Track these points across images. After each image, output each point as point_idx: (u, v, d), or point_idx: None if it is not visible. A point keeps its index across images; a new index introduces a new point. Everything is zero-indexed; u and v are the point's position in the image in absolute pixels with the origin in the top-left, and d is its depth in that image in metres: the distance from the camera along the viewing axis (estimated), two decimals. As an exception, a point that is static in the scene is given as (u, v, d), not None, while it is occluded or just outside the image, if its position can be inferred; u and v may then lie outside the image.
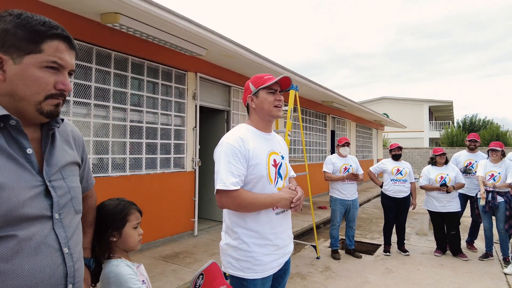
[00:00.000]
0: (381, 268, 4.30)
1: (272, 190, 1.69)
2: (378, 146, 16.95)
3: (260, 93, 1.73)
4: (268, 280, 1.72)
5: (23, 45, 0.89)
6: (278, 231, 1.71)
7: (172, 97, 5.03)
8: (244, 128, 1.75)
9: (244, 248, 1.65)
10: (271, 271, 1.71)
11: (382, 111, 26.07)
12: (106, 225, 1.42)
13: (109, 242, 1.43)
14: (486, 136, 24.70)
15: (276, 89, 1.74)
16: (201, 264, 4.00)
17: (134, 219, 1.46)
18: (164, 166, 4.90)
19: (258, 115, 1.76)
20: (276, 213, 1.71)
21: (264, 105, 1.72)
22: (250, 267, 1.65)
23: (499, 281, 3.86)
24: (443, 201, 4.63)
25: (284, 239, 1.76)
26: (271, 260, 1.69)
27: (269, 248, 1.68)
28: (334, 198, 4.69)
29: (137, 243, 1.47)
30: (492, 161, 4.54)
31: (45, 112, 0.93)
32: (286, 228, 1.79)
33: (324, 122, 10.62)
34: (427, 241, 5.51)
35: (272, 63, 5.73)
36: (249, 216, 1.65)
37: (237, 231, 1.67)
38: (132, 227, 1.45)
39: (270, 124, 1.83)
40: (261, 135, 1.76)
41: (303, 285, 3.73)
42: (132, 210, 1.47)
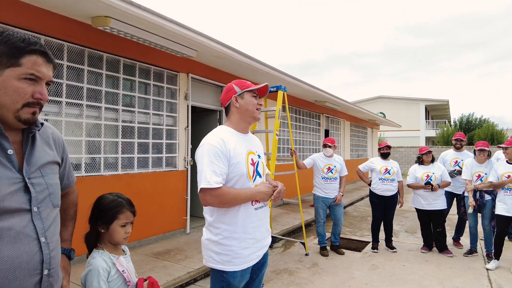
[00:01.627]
0: (368, 264, 4.41)
1: (251, 187, 1.81)
2: (373, 145, 17.08)
3: (245, 95, 1.87)
4: (247, 272, 1.84)
5: (4, 60, 1.01)
6: (256, 225, 1.82)
7: (164, 98, 5.13)
8: (224, 130, 1.86)
9: (224, 242, 1.76)
10: (250, 263, 1.82)
11: (379, 110, 26.27)
12: (98, 216, 1.56)
13: (98, 231, 1.56)
14: (481, 135, 24.81)
15: (257, 95, 1.91)
16: (192, 261, 4.10)
17: (123, 218, 1.57)
18: (156, 165, 4.99)
19: (240, 116, 1.88)
20: (255, 208, 1.82)
21: (248, 106, 1.86)
22: (230, 260, 1.76)
23: (480, 276, 3.98)
24: (429, 199, 4.74)
25: (262, 233, 1.88)
26: (250, 253, 1.80)
27: (248, 241, 1.79)
28: (316, 196, 4.84)
29: (122, 240, 1.58)
30: (477, 161, 4.62)
31: (22, 119, 1.05)
32: (264, 222, 1.90)
33: (318, 122, 10.73)
34: (416, 238, 5.62)
35: (261, 63, 5.83)
36: (230, 212, 1.75)
37: (218, 227, 1.77)
38: (120, 225, 1.56)
39: (249, 126, 1.96)
40: (240, 136, 1.88)
41: (290, 280, 3.84)
42: (124, 209, 1.58)
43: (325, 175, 4.75)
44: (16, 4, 3.35)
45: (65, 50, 3.87)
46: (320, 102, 9.69)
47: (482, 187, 4.45)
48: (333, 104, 10.13)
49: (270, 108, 4.80)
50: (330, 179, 4.75)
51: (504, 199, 4.16)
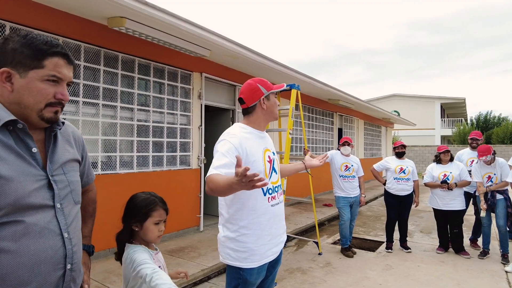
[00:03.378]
0: (382, 264, 4.36)
1: (268, 185, 1.83)
2: (387, 144, 16.85)
3: (271, 96, 1.90)
4: (263, 269, 1.86)
5: (28, 62, 1.05)
6: (273, 221, 1.83)
7: (178, 97, 5.18)
8: (242, 128, 1.87)
9: (241, 239, 1.77)
10: (267, 260, 1.83)
11: (393, 108, 25.87)
12: (131, 214, 1.57)
13: (132, 229, 1.58)
14: (500, 133, 24.21)
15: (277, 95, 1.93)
16: (205, 258, 4.14)
17: (156, 215, 1.57)
18: (170, 163, 5.05)
19: (264, 116, 1.91)
20: (271, 204, 1.83)
21: (273, 108, 1.92)
22: (247, 257, 1.77)
23: (499, 279, 3.89)
24: (446, 199, 4.66)
25: (278, 229, 1.89)
26: (267, 249, 1.82)
27: (264, 238, 1.80)
28: (337, 197, 4.76)
29: (155, 238, 1.59)
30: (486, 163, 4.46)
31: (45, 118, 1.10)
32: (280, 218, 1.91)
33: (331, 120, 10.65)
34: (431, 238, 5.53)
35: (275, 62, 5.82)
36: (246, 208, 1.76)
37: (235, 223, 1.78)
38: (153, 223, 1.57)
39: (266, 124, 2.00)
40: (257, 134, 1.90)
41: (303, 279, 3.83)
42: (157, 207, 1.59)
43: (343, 173, 4.70)
44: (36, 7, 3.44)
45: (82, 51, 3.95)
46: (333, 100, 9.62)
47: (495, 188, 4.34)
48: (347, 102, 10.04)
49: (283, 107, 4.79)
50: (348, 177, 4.70)
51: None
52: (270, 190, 1.84)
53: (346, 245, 4.71)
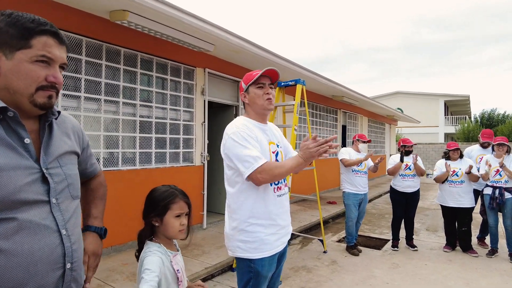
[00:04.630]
0: (388, 263, 4.29)
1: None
2: (391, 141, 16.73)
3: (250, 89, 1.86)
4: (274, 261, 1.83)
5: (14, 42, 0.95)
6: (280, 212, 1.83)
7: (181, 93, 5.11)
8: (244, 120, 1.86)
9: (250, 229, 1.75)
10: (277, 250, 1.82)
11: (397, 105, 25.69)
12: (151, 208, 1.47)
13: (153, 225, 1.47)
14: (504, 131, 24.04)
15: (265, 83, 1.84)
16: (209, 256, 4.08)
17: (176, 208, 1.46)
18: (173, 160, 4.99)
19: (253, 109, 1.89)
20: (278, 195, 1.83)
21: (255, 99, 1.85)
22: (257, 247, 1.75)
23: (508, 278, 3.81)
24: (455, 196, 4.58)
25: (285, 220, 1.89)
26: (276, 239, 1.81)
27: (273, 227, 1.79)
28: (346, 193, 4.64)
29: (176, 233, 1.47)
30: (496, 156, 4.45)
31: (38, 104, 0.99)
32: (286, 209, 1.91)
33: (335, 117, 10.55)
34: (437, 237, 5.45)
35: (279, 57, 5.74)
36: (253, 199, 1.75)
37: (243, 214, 1.76)
38: (174, 216, 1.45)
39: (265, 117, 1.94)
40: (259, 126, 1.88)
41: (309, 278, 3.77)
42: (177, 199, 1.47)
43: (356, 168, 4.60)
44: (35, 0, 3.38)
45: (84, 45, 3.88)
46: (337, 97, 9.52)
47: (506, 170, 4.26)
48: (351, 99, 9.94)
49: (288, 103, 4.72)
50: (361, 172, 4.61)
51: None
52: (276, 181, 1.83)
53: (352, 243, 4.64)
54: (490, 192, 4.45)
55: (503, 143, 4.42)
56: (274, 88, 1.94)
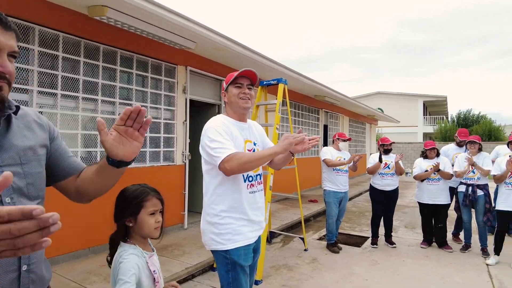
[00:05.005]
0: (368, 260, 4.37)
1: (249, 172, 1.88)
2: (371, 140, 17.06)
3: (229, 88, 1.94)
4: (249, 251, 1.90)
5: None
6: (253, 207, 1.90)
7: (162, 91, 5.04)
8: (222, 117, 1.93)
9: (223, 222, 1.83)
10: (250, 241, 1.89)
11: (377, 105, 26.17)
12: (123, 208, 1.42)
13: (126, 226, 1.43)
14: (479, 131, 24.83)
15: (243, 83, 1.91)
16: (190, 256, 4.05)
17: (150, 205, 1.43)
18: (153, 159, 4.92)
19: (231, 108, 1.98)
20: (250, 192, 1.90)
21: (232, 98, 1.93)
22: (231, 237, 1.82)
23: (481, 272, 3.96)
24: (432, 193, 4.72)
25: (258, 216, 1.96)
26: (249, 230, 1.89)
27: (245, 221, 1.87)
28: (327, 191, 4.71)
29: (152, 231, 1.44)
30: (470, 154, 4.64)
31: None
32: (259, 206, 1.98)
33: (317, 117, 10.66)
34: (415, 233, 5.60)
35: (261, 56, 5.74)
36: (226, 194, 1.84)
37: (215, 208, 1.85)
38: (148, 213, 1.42)
39: (244, 116, 2.00)
40: (238, 125, 1.95)
41: (290, 276, 3.79)
42: (149, 196, 1.45)
43: (337, 167, 4.68)
44: (9, -8, 3.25)
45: (61, 41, 3.77)
46: (319, 96, 9.62)
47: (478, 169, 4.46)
48: (333, 99, 10.07)
49: (270, 102, 4.73)
50: (341, 171, 4.68)
51: (505, 193, 4.14)
52: (250, 178, 1.91)
53: (332, 241, 4.70)
54: (464, 190, 4.62)
55: (475, 141, 4.62)
56: (255, 88, 1.98)
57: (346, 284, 3.60)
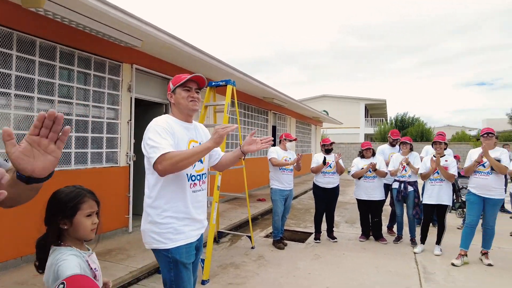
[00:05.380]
0: (311, 254, 4.61)
1: (191, 171, 1.91)
2: (316, 141, 17.83)
3: (177, 90, 1.96)
4: (191, 249, 1.92)
5: None
6: (195, 206, 1.94)
7: (106, 89, 4.84)
8: (166, 117, 1.95)
9: (164, 221, 1.84)
10: (192, 239, 1.92)
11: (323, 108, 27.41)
12: (57, 211, 1.37)
13: (60, 229, 1.38)
14: (413, 132, 27.18)
15: (191, 87, 1.95)
16: (135, 260, 3.95)
17: (87, 207, 1.41)
18: (95, 161, 4.71)
19: (178, 109, 1.99)
20: (193, 191, 1.93)
21: (180, 100, 1.95)
22: (172, 237, 1.84)
23: (409, 260, 4.38)
24: (368, 190, 5.12)
25: (200, 214, 1.99)
26: (191, 229, 1.91)
27: (187, 220, 1.89)
28: (274, 189, 4.89)
29: (89, 233, 1.42)
30: (402, 154, 5.16)
31: None
32: (202, 205, 2.02)
33: (265, 118, 10.91)
34: (355, 228, 6.01)
35: (210, 57, 5.76)
36: (168, 193, 1.84)
37: (158, 208, 1.85)
38: (84, 215, 1.40)
39: (190, 116, 2.03)
40: (183, 125, 1.97)
41: (236, 274, 3.88)
42: (86, 198, 1.42)
43: (283, 166, 4.85)
44: None
45: (-11, 32, 3.47)
46: (268, 98, 9.86)
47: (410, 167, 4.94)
48: (281, 101, 10.37)
49: (218, 102, 4.78)
50: (287, 170, 4.88)
51: (429, 189, 4.63)
52: (193, 177, 1.93)
53: (278, 237, 4.88)
54: (397, 186, 5.07)
55: (406, 142, 5.13)
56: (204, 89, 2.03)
57: (290, 279, 3.77)
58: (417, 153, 5.24)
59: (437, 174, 4.55)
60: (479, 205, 4.22)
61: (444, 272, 3.95)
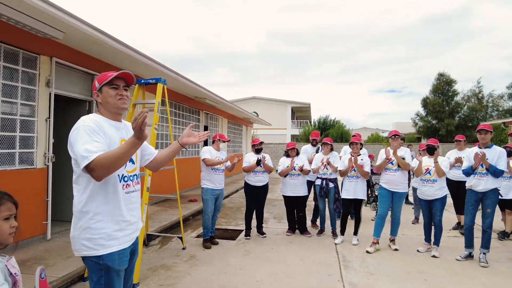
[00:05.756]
0: (241, 251, 4.76)
1: (122, 172, 1.84)
2: (247, 141, 18.24)
3: (104, 89, 1.86)
4: (124, 255, 1.84)
5: None
6: (129, 208, 1.86)
7: (19, 83, 4.37)
8: (94, 116, 1.84)
9: (96, 226, 1.73)
10: (126, 245, 1.84)
11: (253, 109, 28.18)
12: None
13: None
14: (334, 133, 29.40)
15: (119, 85, 1.88)
16: (54, 269, 3.66)
17: (5, 210, 1.34)
18: (7, 162, 4.22)
19: (106, 108, 1.89)
20: (126, 192, 1.86)
21: (107, 99, 1.86)
22: (104, 243, 1.74)
23: (330, 250, 4.80)
24: (293, 187, 5.46)
25: (135, 216, 1.92)
26: (124, 234, 1.83)
27: (121, 224, 1.81)
28: (205, 188, 4.92)
29: (7, 237, 1.35)
30: (324, 153, 5.63)
31: None
32: (136, 206, 1.95)
33: (197, 118, 10.84)
34: (282, 223, 6.34)
35: (140, 54, 5.56)
36: (100, 196, 1.74)
37: (89, 211, 1.74)
38: (2, 219, 1.33)
39: (119, 115, 1.95)
40: (113, 124, 1.88)
41: (167, 275, 3.84)
42: (3, 201, 1.35)
43: (215, 166, 4.90)
44: None
45: None
46: (200, 98, 9.82)
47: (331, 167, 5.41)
48: (212, 101, 10.41)
49: (148, 101, 4.66)
50: (219, 170, 4.95)
51: (347, 185, 5.14)
52: (125, 178, 1.86)
53: (207, 237, 4.94)
54: (320, 183, 5.51)
55: (327, 143, 5.60)
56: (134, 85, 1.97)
57: (221, 276, 3.86)
58: (337, 153, 5.76)
59: (354, 171, 5.07)
60: (388, 198, 4.81)
61: (360, 259, 4.42)
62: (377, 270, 4.04)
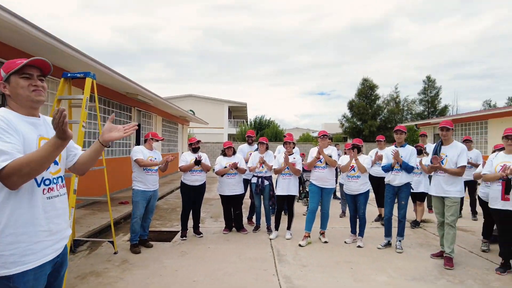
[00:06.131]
0: (177, 252, 4.68)
1: (43, 174, 1.58)
2: (183, 140, 17.85)
3: (12, 79, 1.60)
4: (42, 273, 1.59)
5: None
6: (51, 215, 1.62)
7: None
8: (5, 112, 1.57)
9: (8, 240, 1.47)
10: (46, 259, 1.59)
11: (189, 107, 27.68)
12: None
13: None
14: (269, 133, 30.23)
15: (32, 73, 1.63)
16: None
17: None
18: None
19: (17, 101, 1.63)
20: (48, 197, 1.62)
21: (18, 90, 1.61)
22: (17, 259, 1.48)
23: (266, 246, 4.97)
24: (230, 186, 5.52)
25: (60, 224, 1.67)
26: (44, 247, 1.58)
27: (40, 235, 1.56)
28: (136, 190, 4.71)
29: None
30: (260, 152, 5.81)
31: None
32: (61, 212, 1.70)
33: (129, 115, 10.31)
34: (219, 222, 6.36)
35: (64, 44, 5.10)
36: (12, 204, 1.49)
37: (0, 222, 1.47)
38: None
39: (36, 110, 1.70)
40: (28, 120, 1.63)
41: (98, 282, 3.62)
42: None
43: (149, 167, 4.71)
44: None
45: None
46: (131, 94, 9.35)
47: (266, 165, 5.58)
48: (146, 98, 9.99)
49: (75, 96, 4.33)
50: (152, 170, 4.77)
51: (281, 182, 5.36)
52: (47, 181, 1.63)
53: (135, 241, 4.70)
54: (256, 181, 5.65)
55: (263, 142, 5.78)
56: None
57: (156, 278, 3.75)
58: (271, 152, 5.96)
59: (287, 169, 5.30)
60: (318, 194, 5.13)
61: (293, 253, 4.64)
62: (309, 262, 4.29)
